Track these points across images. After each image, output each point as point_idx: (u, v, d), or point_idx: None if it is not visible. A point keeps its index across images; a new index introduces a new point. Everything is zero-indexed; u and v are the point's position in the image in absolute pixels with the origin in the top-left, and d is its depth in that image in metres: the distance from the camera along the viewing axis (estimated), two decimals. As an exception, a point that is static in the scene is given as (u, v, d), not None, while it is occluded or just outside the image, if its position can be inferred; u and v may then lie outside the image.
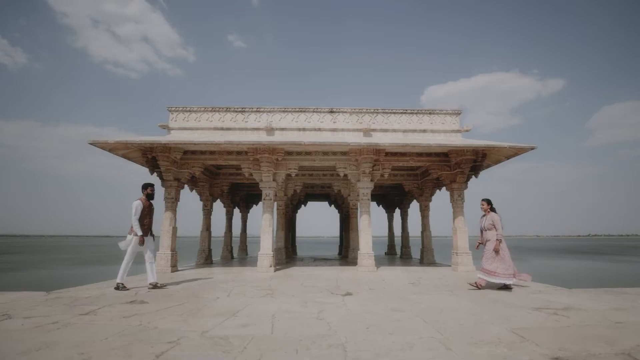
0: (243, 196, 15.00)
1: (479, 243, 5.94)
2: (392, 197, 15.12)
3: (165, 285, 5.63)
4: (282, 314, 3.70)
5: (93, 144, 7.46)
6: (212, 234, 11.78)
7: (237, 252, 15.55)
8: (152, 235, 5.76)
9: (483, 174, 9.47)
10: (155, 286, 5.43)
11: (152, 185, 5.86)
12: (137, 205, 5.44)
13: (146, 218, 5.58)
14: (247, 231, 16.41)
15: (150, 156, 8.30)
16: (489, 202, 5.91)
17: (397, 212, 16.14)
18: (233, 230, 14.50)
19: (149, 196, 5.77)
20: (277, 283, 6.18)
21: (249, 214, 16.52)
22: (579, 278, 16.83)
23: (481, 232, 5.88)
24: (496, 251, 5.51)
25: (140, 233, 5.39)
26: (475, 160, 8.67)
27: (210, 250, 11.26)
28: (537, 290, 5.32)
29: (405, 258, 13.60)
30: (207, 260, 10.96)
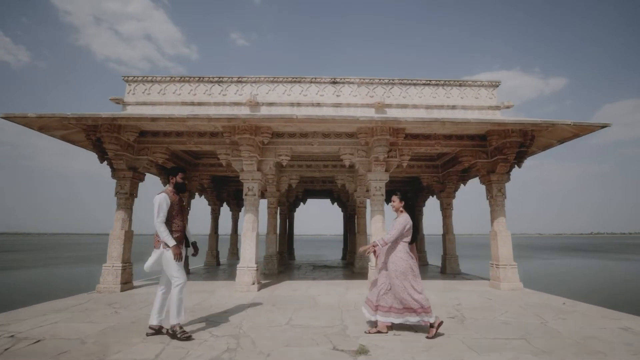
0: (232, 192, 13.02)
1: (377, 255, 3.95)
2: (403, 193, 13.05)
3: (182, 334, 3.32)
4: None
5: (7, 117, 5.43)
6: (199, 233, 9.78)
7: (227, 256, 13.61)
8: (187, 244, 3.71)
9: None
10: (168, 332, 3.39)
11: (182, 171, 3.72)
12: (160, 201, 3.42)
13: (176, 219, 3.53)
14: (239, 232, 14.45)
15: (94, 138, 6.29)
16: (402, 196, 3.92)
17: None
18: (222, 231, 12.59)
19: (179, 187, 3.67)
20: (253, 319, 4.16)
21: (240, 213, 14.55)
22: (602, 281, 14.91)
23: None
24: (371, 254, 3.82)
25: (172, 242, 3.37)
26: (523, 144, 6.61)
27: (186, 257, 9.24)
28: (625, 326, 3.30)
29: (420, 265, 11.57)
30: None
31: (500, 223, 6.83)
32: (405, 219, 3.72)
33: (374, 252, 3.83)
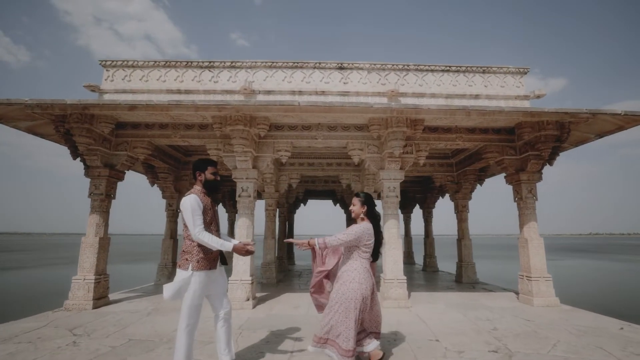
0: (227, 192, 12.16)
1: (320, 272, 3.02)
2: (411, 194, 12.19)
3: None
4: None
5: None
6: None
7: (222, 261, 12.72)
8: (223, 261, 2.84)
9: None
10: None
11: (212, 164, 2.84)
12: (192, 203, 2.57)
13: (210, 227, 2.69)
14: (236, 235, 13.57)
15: (63, 130, 5.41)
16: (366, 200, 2.93)
17: (414, 211, 13.35)
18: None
19: (210, 186, 2.80)
20: (244, 357, 3.30)
21: (237, 215, 13.69)
22: (622, 286, 14.04)
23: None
24: (313, 281, 2.99)
25: (230, 244, 2.61)
26: (559, 138, 5.74)
27: (176, 265, 8.38)
28: None
29: (430, 271, 10.73)
30: (170, 278, 8.09)
31: (531, 229, 5.96)
32: (364, 227, 2.78)
33: (313, 251, 2.95)
